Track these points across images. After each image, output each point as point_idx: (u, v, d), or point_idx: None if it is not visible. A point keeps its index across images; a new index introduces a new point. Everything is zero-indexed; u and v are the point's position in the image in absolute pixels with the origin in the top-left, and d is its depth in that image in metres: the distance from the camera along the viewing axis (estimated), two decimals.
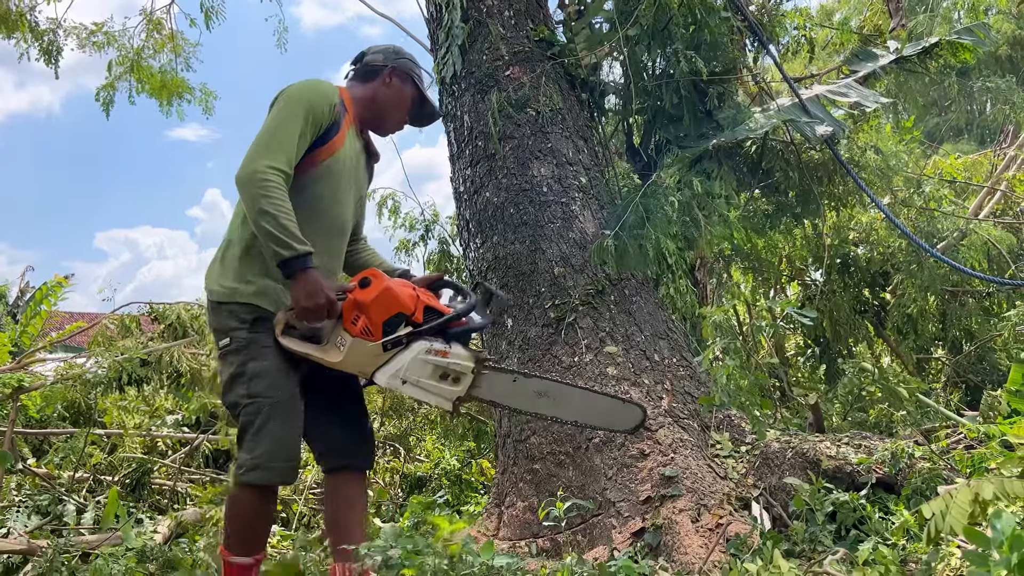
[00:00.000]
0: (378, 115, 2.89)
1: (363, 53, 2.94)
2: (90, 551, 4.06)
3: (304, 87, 2.62)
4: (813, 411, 4.22)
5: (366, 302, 2.52)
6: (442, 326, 2.62)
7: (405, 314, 2.57)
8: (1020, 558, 1.28)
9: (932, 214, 6.45)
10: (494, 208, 4.42)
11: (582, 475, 3.70)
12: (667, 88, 4.95)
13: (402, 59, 2.91)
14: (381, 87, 2.85)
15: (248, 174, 2.42)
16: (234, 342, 2.49)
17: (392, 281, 2.58)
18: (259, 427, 2.43)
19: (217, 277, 2.59)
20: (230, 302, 2.52)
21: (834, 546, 2.91)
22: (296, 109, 2.53)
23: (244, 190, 2.43)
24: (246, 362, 2.47)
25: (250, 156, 2.46)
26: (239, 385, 2.46)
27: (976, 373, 6.53)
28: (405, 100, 2.91)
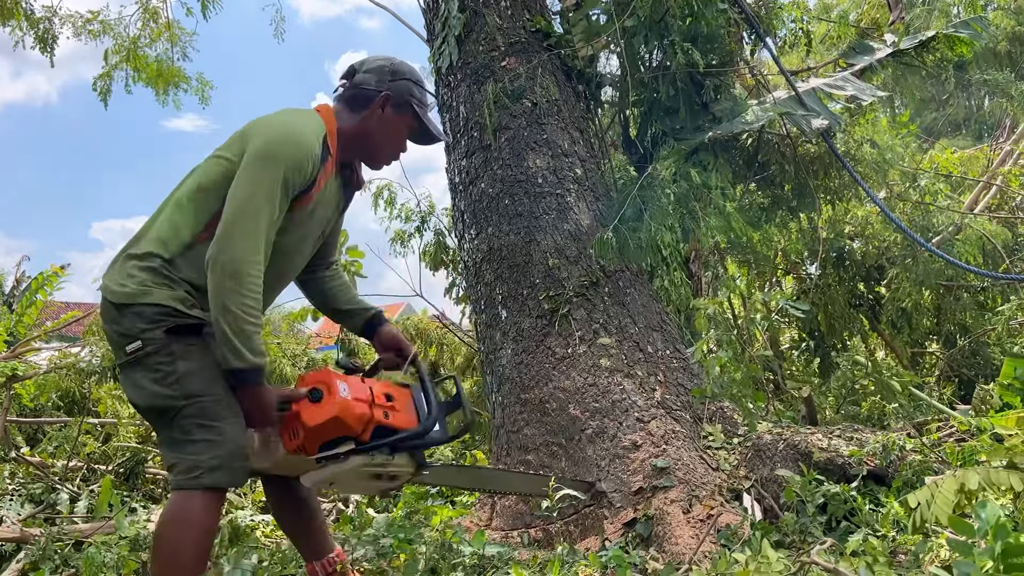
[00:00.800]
0: (369, 150, 2.59)
1: (354, 69, 2.59)
2: (83, 539, 4.06)
3: (284, 142, 2.31)
4: (806, 404, 4.24)
5: (310, 425, 2.27)
6: (390, 445, 2.38)
7: (350, 436, 2.33)
8: (1004, 547, 1.28)
9: (928, 208, 6.45)
10: (489, 199, 4.42)
11: (575, 466, 3.70)
12: (663, 80, 4.95)
13: (399, 81, 2.54)
14: (373, 118, 2.52)
15: (224, 262, 2.18)
16: (148, 344, 2.22)
17: (344, 400, 2.28)
18: (210, 426, 2.20)
19: (119, 277, 2.30)
20: (136, 303, 2.24)
21: (824, 537, 2.92)
22: (274, 173, 2.25)
23: (214, 275, 2.18)
24: (172, 362, 2.22)
25: (228, 238, 2.20)
26: (168, 387, 2.21)
27: (970, 367, 6.55)
28: (401, 132, 2.59)
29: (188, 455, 2.18)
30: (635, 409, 3.69)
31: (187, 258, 2.31)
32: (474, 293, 4.52)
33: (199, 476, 2.16)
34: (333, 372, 2.38)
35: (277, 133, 2.33)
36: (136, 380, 2.24)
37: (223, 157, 2.37)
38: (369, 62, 2.59)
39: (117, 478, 5.34)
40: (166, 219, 2.37)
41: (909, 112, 6.51)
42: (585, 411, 3.76)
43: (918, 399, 4.87)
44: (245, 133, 2.38)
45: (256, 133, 2.35)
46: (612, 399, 3.74)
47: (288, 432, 2.33)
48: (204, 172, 2.40)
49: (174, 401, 2.20)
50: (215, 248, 2.19)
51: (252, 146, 2.30)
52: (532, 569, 3.03)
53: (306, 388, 2.31)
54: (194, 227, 2.33)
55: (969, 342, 6.50)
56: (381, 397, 2.38)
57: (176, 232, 2.33)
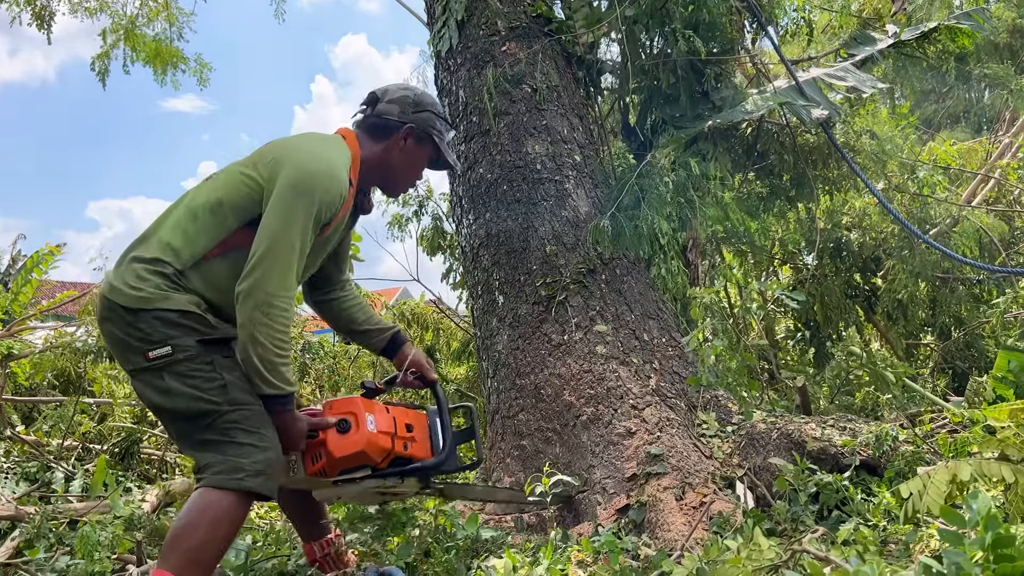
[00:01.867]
0: (389, 178, 2.65)
1: (376, 97, 2.63)
2: (78, 518, 4.08)
3: (320, 175, 2.32)
4: (800, 393, 4.25)
5: (336, 456, 2.36)
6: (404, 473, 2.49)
7: (370, 465, 2.42)
8: (995, 538, 1.29)
9: (925, 200, 6.45)
10: (487, 184, 4.41)
11: (569, 452, 3.72)
12: (664, 68, 4.92)
13: (422, 113, 2.60)
14: (395, 149, 2.57)
15: (252, 298, 2.19)
16: (180, 351, 2.21)
17: (370, 435, 2.36)
18: (255, 432, 2.22)
19: (130, 279, 2.27)
20: (155, 308, 2.23)
21: (815, 526, 2.94)
22: (307, 208, 2.26)
23: (246, 306, 2.20)
24: (215, 370, 2.23)
25: (256, 273, 2.21)
26: (210, 392, 2.21)
27: (964, 359, 6.57)
28: (421, 162, 2.68)
29: (230, 456, 2.18)
30: (630, 396, 3.71)
31: (198, 270, 2.31)
32: (471, 279, 4.52)
33: (242, 479, 2.16)
34: (360, 401, 2.44)
35: (312, 165, 2.33)
36: (163, 386, 2.22)
37: (250, 176, 2.36)
38: (391, 92, 2.62)
39: (112, 458, 5.36)
40: (178, 227, 2.35)
41: (909, 103, 6.49)
42: (580, 398, 3.77)
43: (912, 390, 4.90)
44: (278, 158, 2.36)
45: (289, 161, 2.34)
46: (607, 386, 3.75)
47: (311, 456, 2.41)
48: (227, 187, 2.39)
49: (217, 406, 2.21)
50: (248, 281, 2.20)
51: (286, 175, 2.30)
52: (525, 553, 3.05)
53: (335, 417, 2.38)
54: (208, 242, 2.33)
55: (963, 334, 6.52)
56: (403, 428, 2.48)
57: (189, 243, 2.32)
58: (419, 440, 2.53)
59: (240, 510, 2.20)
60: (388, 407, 2.52)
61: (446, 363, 7.07)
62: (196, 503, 2.17)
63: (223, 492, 2.16)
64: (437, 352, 6.91)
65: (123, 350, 2.28)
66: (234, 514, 2.18)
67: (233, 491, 2.16)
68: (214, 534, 2.14)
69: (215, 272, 2.32)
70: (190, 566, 2.11)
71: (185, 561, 2.11)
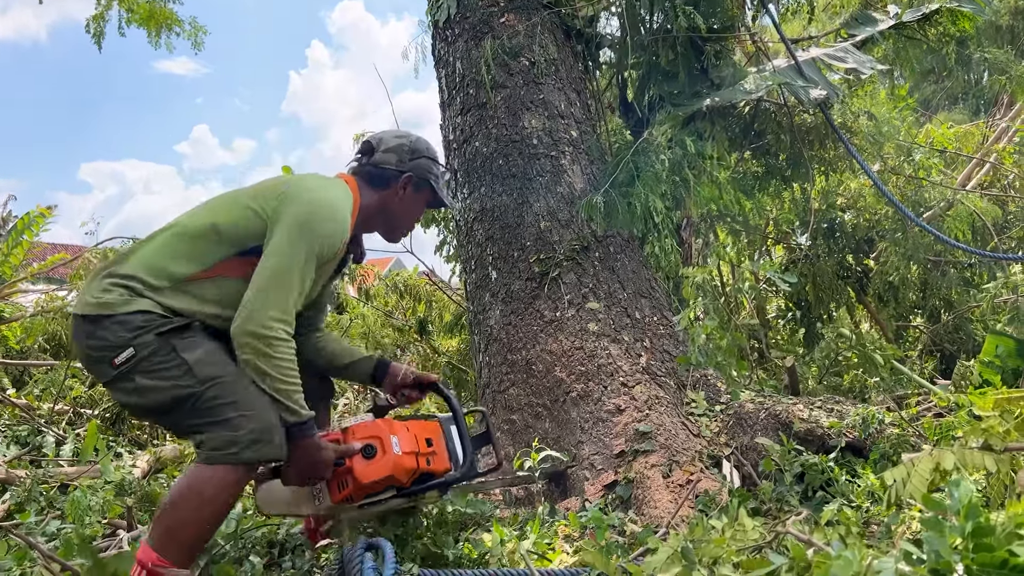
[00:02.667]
0: (389, 226, 2.66)
1: (371, 145, 2.62)
2: (69, 482, 4.10)
3: (326, 218, 2.32)
4: (789, 374, 4.29)
5: (363, 483, 2.33)
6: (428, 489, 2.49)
7: (396, 486, 2.42)
8: (975, 526, 1.31)
9: (920, 183, 6.45)
10: (483, 158, 4.39)
11: (558, 427, 3.75)
12: (664, 44, 4.89)
13: (418, 160, 2.60)
14: (393, 197, 2.57)
15: (251, 331, 2.16)
16: (142, 349, 2.17)
17: (397, 458, 2.34)
18: (237, 402, 2.17)
19: (95, 291, 2.24)
20: (116, 314, 2.19)
21: (800, 506, 2.98)
22: (309, 246, 2.26)
23: (247, 344, 2.17)
24: (176, 355, 2.19)
25: (254, 305, 2.19)
26: (180, 378, 2.17)
27: (952, 342, 6.62)
28: (420, 207, 2.68)
29: (223, 431, 2.15)
30: (620, 374, 3.73)
31: (176, 290, 2.28)
32: (464, 253, 4.52)
33: (238, 452, 2.13)
34: (383, 424, 2.42)
35: (320, 206, 2.33)
36: (135, 386, 2.19)
37: (251, 208, 2.33)
38: (387, 140, 2.61)
39: (103, 422, 5.37)
40: (163, 248, 2.32)
41: (908, 85, 6.47)
42: (571, 374, 3.79)
43: (899, 373, 4.94)
44: (285, 194, 2.33)
45: (297, 199, 2.32)
46: (598, 363, 3.77)
47: (337, 483, 2.38)
48: (225, 214, 2.36)
49: (192, 388, 2.17)
50: (245, 316, 2.18)
51: (293, 212, 2.29)
52: (513, 527, 3.08)
53: (359, 443, 2.36)
54: (197, 266, 2.29)
55: (953, 317, 6.56)
56: (423, 444, 2.46)
57: (174, 265, 2.29)
58: (439, 453, 2.52)
59: (238, 483, 2.18)
60: (407, 424, 2.50)
61: (438, 335, 7.09)
62: (196, 477, 2.15)
63: (219, 467, 2.14)
64: (430, 324, 6.92)
65: (93, 363, 2.25)
66: (232, 489, 2.16)
67: (231, 465, 2.14)
68: (208, 509, 2.13)
69: (196, 292, 2.29)
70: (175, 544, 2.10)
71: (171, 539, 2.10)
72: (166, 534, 2.09)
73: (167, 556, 2.07)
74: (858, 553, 1.41)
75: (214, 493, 2.12)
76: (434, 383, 2.74)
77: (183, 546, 2.11)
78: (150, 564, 2.03)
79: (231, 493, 2.17)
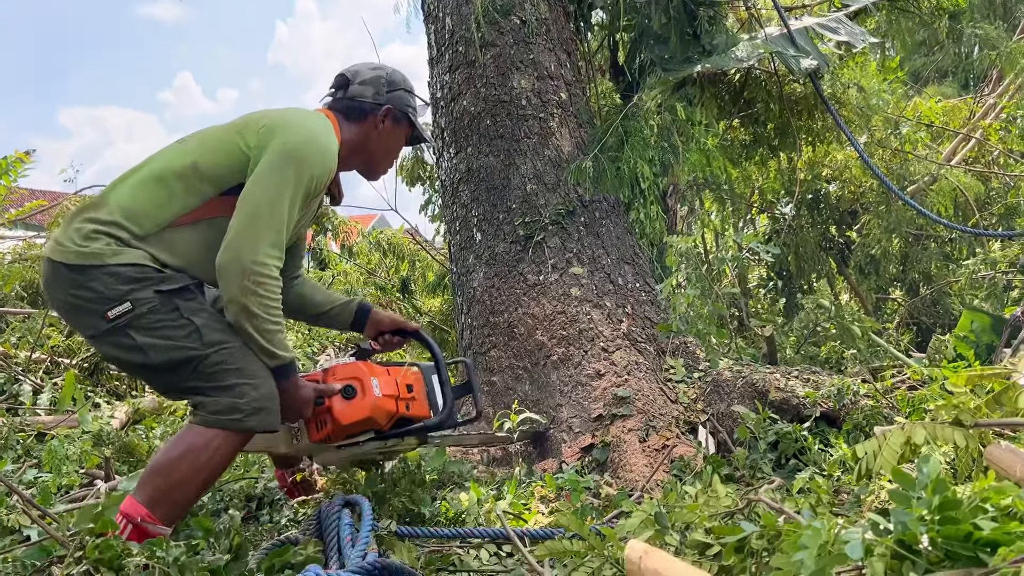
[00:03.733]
0: (368, 161, 2.56)
1: (346, 78, 2.52)
2: (46, 431, 4.09)
3: (314, 150, 2.23)
4: (768, 343, 4.33)
5: (343, 423, 2.34)
6: (406, 433, 2.51)
7: (374, 428, 2.43)
8: (942, 500, 1.35)
9: (906, 157, 6.48)
10: (470, 118, 4.34)
11: (538, 390, 3.78)
12: (657, 6, 4.82)
13: (396, 92, 2.51)
14: (372, 131, 2.49)
15: (241, 265, 2.08)
16: (140, 304, 2.09)
17: (376, 400, 2.35)
18: (242, 370, 2.14)
19: (77, 238, 2.11)
20: (106, 264, 2.09)
21: (773, 474, 3.03)
22: (300, 178, 2.18)
23: (231, 280, 2.09)
24: (182, 316, 2.13)
25: (243, 237, 2.10)
26: (185, 339, 2.11)
27: (929, 315, 6.72)
28: (399, 142, 2.59)
29: (226, 397, 2.11)
30: (601, 339, 3.75)
31: (160, 237, 2.18)
32: (449, 214, 4.49)
33: (241, 419, 2.11)
34: (364, 366, 2.43)
35: (307, 138, 2.24)
36: (133, 343, 2.11)
37: (233, 143, 2.23)
38: (363, 73, 2.51)
39: (81, 372, 5.34)
40: (142, 191, 2.21)
41: (899, 58, 6.45)
42: (552, 338, 3.81)
43: (876, 344, 5.01)
44: (269, 127, 2.23)
45: (284, 129, 2.23)
46: (579, 328, 3.79)
47: (315, 423, 2.39)
48: (204, 151, 2.25)
49: (197, 351, 2.11)
50: (233, 250, 2.09)
51: (280, 142, 2.19)
52: (490, 486, 3.12)
53: (340, 383, 2.36)
54: (178, 209, 2.20)
55: (931, 291, 6.65)
56: (404, 389, 2.48)
57: (155, 209, 2.18)
58: (419, 399, 2.54)
59: (236, 449, 2.17)
60: (388, 369, 2.51)
61: (421, 295, 7.08)
62: (186, 438, 2.12)
63: (219, 431, 2.11)
64: (412, 283, 6.92)
65: (78, 314, 2.15)
66: (230, 454, 2.15)
67: (231, 431, 2.12)
68: (204, 475, 2.12)
69: (182, 241, 2.20)
70: (166, 502, 2.07)
71: (162, 496, 2.06)
72: (157, 491, 2.06)
73: (155, 513, 2.05)
74: (827, 523, 1.44)
75: (211, 456, 2.10)
76: (416, 331, 2.74)
77: (174, 505, 2.09)
78: (138, 519, 2.01)
79: (228, 457, 2.16)
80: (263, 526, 2.72)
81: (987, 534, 1.27)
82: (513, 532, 2.32)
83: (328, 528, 2.23)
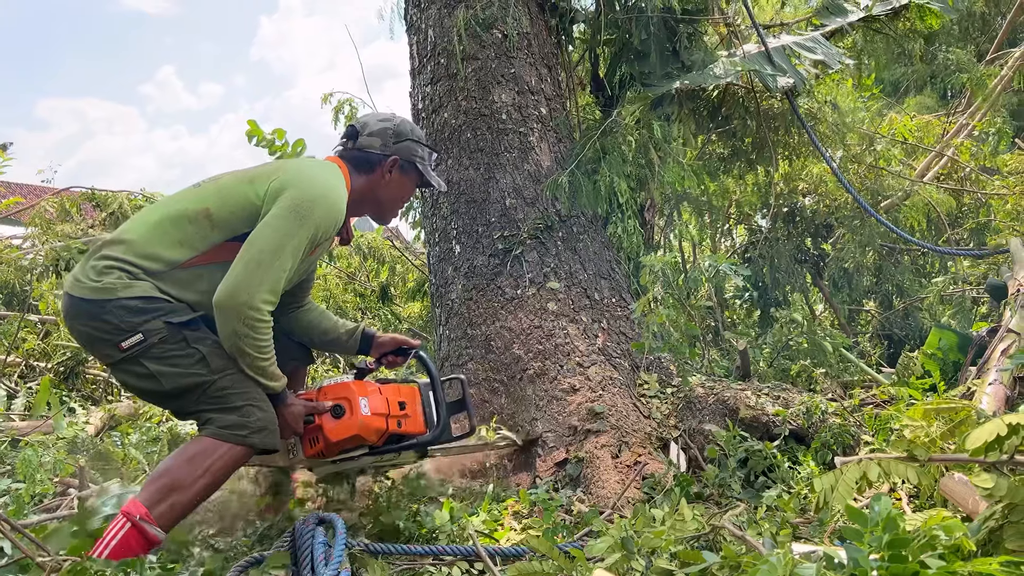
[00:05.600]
0: (378, 209, 2.73)
1: (355, 129, 2.66)
2: (20, 437, 4.08)
3: (323, 205, 2.35)
4: (741, 356, 4.40)
5: (332, 440, 2.46)
6: (400, 449, 2.62)
7: (366, 444, 2.54)
8: (891, 538, 1.41)
9: (880, 172, 6.58)
10: (451, 130, 4.38)
11: (514, 403, 3.82)
12: (637, 23, 4.89)
13: (403, 143, 2.65)
14: (380, 180, 2.64)
15: (237, 308, 2.21)
16: (151, 335, 2.23)
17: (364, 418, 2.46)
18: (247, 393, 2.30)
19: (92, 274, 2.28)
20: (117, 298, 2.24)
21: (742, 492, 3.10)
22: (305, 231, 2.30)
23: (227, 320, 2.22)
24: (189, 345, 2.27)
25: (243, 281, 2.22)
26: (194, 366, 2.26)
27: (902, 328, 6.82)
28: (408, 189, 2.74)
29: (233, 416, 2.27)
30: (576, 354, 3.80)
31: (171, 276, 2.33)
32: (429, 224, 4.53)
33: (246, 435, 2.26)
34: (353, 385, 2.54)
35: (317, 194, 2.36)
36: (145, 371, 2.26)
37: (246, 194, 2.37)
38: (371, 124, 2.66)
39: (56, 376, 5.33)
40: (157, 232, 2.35)
41: (875, 74, 6.56)
42: (529, 352, 3.85)
43: (847, 360, 5.10)
44: (282, 180, 2.37)
45: (295, 184, 2.36)
46: (555, 342, 3.84)
47: (309, 439, 2.52)
48: (218, 198, 2.39)
49: (205, 377, 2.27)
50: (231, 291, 2.22)
51: (290, 196, 2.33)
52: (464, 502, 3.16)
53: (329, 403, 2.49)
54: (189, 252, 2.34)
55: (903, 305, 6.76)
56: (396, 407, 2.59)
57: (167, 251, 2.33)
58: (413, 416, 2.64)
59: (235, 463, 2.29)
60: (381, 387, 2.60)
61: (401, 300, 7.11)
62: (195, 447, 2.24)
63: (226, 444, 2.25)
64: (392, 289, 6.94)
65: (95, 344, 2.30)
66: (232, 466, 2.28)
67: (237, 445, 2.26)
68: (204, 480, 2.22)
69: (190, 282, 2.35)
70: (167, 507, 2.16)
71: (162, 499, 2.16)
72: (158, 493, 2.17)
73: (153, 513, 2.14)
74: (784, 556, 1.49)
75: (217, 466, 2.23)
76: (416, 350, 2.86)
77: (174, 509, 2.19)
78: (137, 517, 2.11)
79: (229, 469, 2.28)
80: (236, 539, 2.74)
81: (933, 573, 1.33)
82: (485, 551, 2.36)
83: (302, 547, 2.26)
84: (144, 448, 3.91)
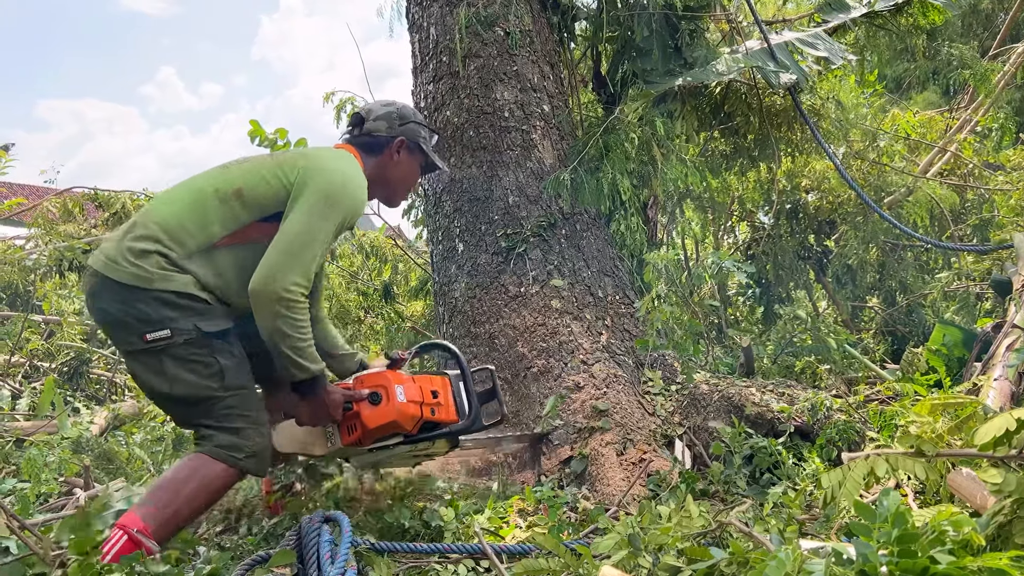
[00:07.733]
0: (388, 192, 2.79)
1: (360, 117, 2.74)
2: (24, 437, 4.08)
3: (350, 194, 2.43)
4: (745, 353, 4.39)
5: (370, 427, 2.51)
6: (434, 437, 2.65)
7: (402, 432, 2.58)
8: (900, 533, 1.40)
9: (884, 168, 6.56)
10: (454, 128, 4.38)
11: (518, 401, 3.81)
12: (640, 20, 4.88)
13: (408, 125, 2.74)
14: (389, 162, 2.71)
15: (273, 292, 2.25)
16: (180, 334, 2.25)
17: (401, 405, 2.52)
18: (250, 416, 2.35)
19: (131, 256, 2.27)
20: (154, 288, 2.24)
21: (747, 489, 3.09)
22: (335, 219, 2.38)
23: (264, 305, 2.26)
24: (211, 354, 2.29)
25: (277, 266, 2.27)
26: (209, 378, 2.28)
27: (905, 324, 6.81)
28: (415, 171, 2.81)
29: (231, 437, 2.30)
30: (580, 351, 3.80)
31: (201, 256, 2.35)
32: (432, 223, 4.52)
33: (240, 458, 2.30)
34: (390, 374, 2.60)
35: (344, 181, 2.45)
36: (162, 369, 2.27)
37: (275, 176, 2.42)
38: (375, 110, 2.74)
39: (60, 376, 5.33)
40: (186, 212, 2.37)
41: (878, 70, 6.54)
42: (532, 350, 3.85)
43: (851, 356, 5.09)
44: (309, 167, 2.43)
45: (322, 172, 2.43)
46: (560, 340, 3.83)
47: (346, 427, 2.58)
48: (248, 180, 2.43)
49: (215, 392, 2.29)
50: (267, 277, 2.26)
51: (319, 183, 2.39)
52: (469, 499, 3.16)
53: (367, 390, 2.54)
54: (220, 231, 2.37)
55: (907, 301, 6.74)
56: (429, 395, 2.64)
57: (199, 230, 2.36)
58: (445, 404, 2.68)
59: (230, 482, 2.32)
60: (414, 377, 2.66)
61: (404, 298, 7.09)
62: (191, 464, 2.26)
63: (220, 464, 2.27)
64: (395, 288, 6.92)
65: (117, 329, 2.30)
66: (224, 485, 2.30)
67: (230, 465, 2.28)
68: (198, 497, 2.24)
69: (220, 263, 2.36)
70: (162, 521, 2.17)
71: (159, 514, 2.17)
72: (154, 506, 2.18)
73: (148, 526, 2.14)
74: (792, 552, 1.49)
75: (215, 483, 2.26)
76: (443, 344, 2.96)
77: (169, 522, 2.20)
78: (134, 529, 2.11)
79: (224, 489, 2.32)
80: (241, 538, 2.74)
81: (943, 568, 1.33)
82: (491, 548, 2.36)
83: (308, 545, 2.26)
84: (148, 448, 3.91)
